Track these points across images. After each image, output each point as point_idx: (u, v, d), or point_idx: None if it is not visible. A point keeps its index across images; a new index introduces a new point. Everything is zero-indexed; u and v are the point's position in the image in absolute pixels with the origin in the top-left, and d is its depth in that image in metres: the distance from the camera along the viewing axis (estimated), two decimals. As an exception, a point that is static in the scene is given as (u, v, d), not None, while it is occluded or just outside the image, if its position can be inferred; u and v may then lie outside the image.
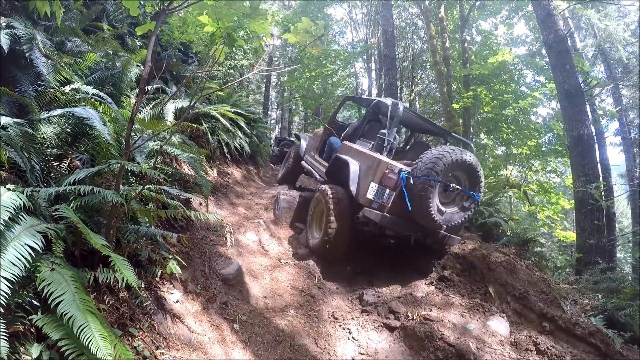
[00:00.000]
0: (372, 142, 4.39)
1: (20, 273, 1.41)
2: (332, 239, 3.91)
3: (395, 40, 12.75)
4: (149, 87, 4.39)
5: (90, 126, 2.37)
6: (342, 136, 5.31)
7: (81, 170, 2.15)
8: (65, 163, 2.45)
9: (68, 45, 3.50)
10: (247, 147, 6.78)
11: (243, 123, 6.40)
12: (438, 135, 6.07)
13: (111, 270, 1.93)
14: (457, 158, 3.58)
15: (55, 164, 2.40)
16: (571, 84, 6.21)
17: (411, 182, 3.58)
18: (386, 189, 3.69)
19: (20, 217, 1.61)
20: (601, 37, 11.13)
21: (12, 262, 1.41)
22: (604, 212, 6.15)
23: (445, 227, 3.72)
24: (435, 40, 10.34)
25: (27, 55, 2.73)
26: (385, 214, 3.67)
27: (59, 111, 2.38)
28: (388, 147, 4.16)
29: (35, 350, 1.49)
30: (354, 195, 3.90)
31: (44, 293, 1.47)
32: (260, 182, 7.48)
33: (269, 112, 21.01)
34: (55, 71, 2.85)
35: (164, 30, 6.35)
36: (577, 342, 3.19)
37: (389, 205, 3.71)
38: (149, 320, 2.26)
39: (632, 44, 11.22)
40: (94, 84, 3.24)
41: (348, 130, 5.37)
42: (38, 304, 1.59)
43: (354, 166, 4.01)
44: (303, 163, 6.03)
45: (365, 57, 17.67)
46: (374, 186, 3.69)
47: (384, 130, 4.22)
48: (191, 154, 3.31)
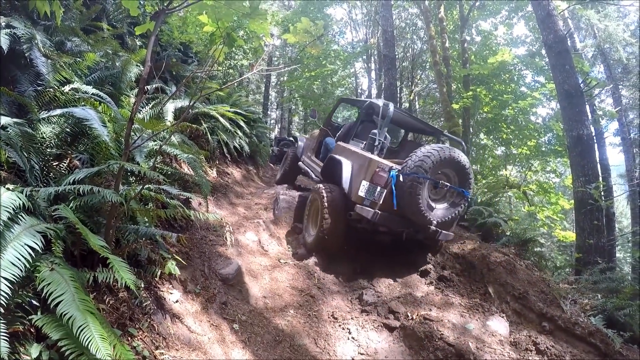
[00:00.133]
0: (365, 142, 4.49)
1: (20, 273, 1.41)
2: (327, 234, 4.02)
3: (395, 41, 12.76)
4: (149, 87, 4.38)
5: (89, 126, 2.37)
6: (337, 137, 5.40)
7: (81, 170, 2.14)
8: (65, 163, 2.45)
9: (68, 44, 3.49)
10: (246, 147, 6.78)
11: (243, 123, 6.41)
12: (430, 135, 6.21)
13: (111, 270, 1.93)
14: (445, 156, 3.66)
15: (54, 163, 2.39)
16: (571, 84, 6.22)
17: (401, 179, 3.67)
18: (377, 186, 3.78)
19: (20, 217, 1.61)
20: (601, 37, 11.15)
21: (11, 262, 1.41)
22: (604, 212, 6.16)
23: (435, 222, 3.79)
24: (435, 41, 10.34)
25: (26, 54, 2.72)
26: (377, 210, 3.76)
27: (58, 111, 2.37)
28: (379, 146, 4.26)
29: (35, 350, 1.49)
30: (347, 193, 4.01)
31: (43, 293, 1.47)
32: (259, 182, 7.49)
33: (269, 112, 21.00)
34: (55, 71, 2.84)
35: (164, 30, 6.35)
36: (577, 341, 3.20)
37: (381, 202, 3.80)
38: (149, 320, 2.26)
39: (632, 44, 11.24)
40: (93, 84, 3.24)
41: (342, 131, 5.48)
42: (38, 304, 1.58)
43: (347, 165, 4.11)
44: (300, 164, 6.12)
45: (365, 57, 17.70)
46: (365, 184, 3.78)
47: (375, 130, 4.34)
48: (191, 154, 3.31)
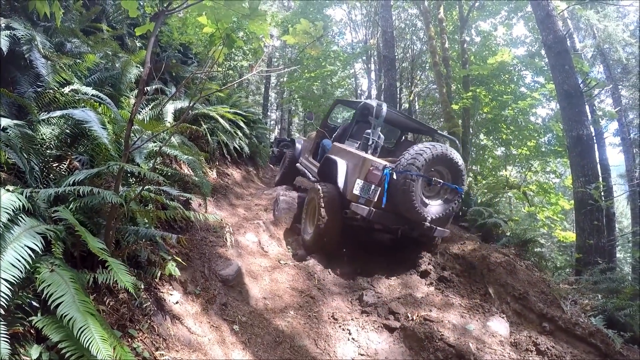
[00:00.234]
0: (359, 142, 4.57)
1: (20, 274, 1.41)
2: (323, 232, 4.08)
3: (394, 41, 12.77)
4: (149, 88, 4.39)
5: (89, 128, 2.37)
6: (333, 137, 5.47)
7: (80, 171, 2.14)
8: (65, 164, 2.45)
9: (67, 46, 3.49)
10: (246, 148, 6.78)
11: (242, 124, 6.41)
12: (425, 134, 6.28)
13: (110, 272, 1.93)
14: (437, 153, 3.72)
15: (54, 165, 2.39)
16: (570, 84, 6.22)
17: (394, 177, 3.71)
18: (371, 184, 3.83)
19: (20, 218, 1.61)
20: (600, 37, 11.16)
21: (11, 264, 1.41)
22: (604, 212, 6.15)
23: (429, 219, 3.83)
24: (435, 41, 10.34)
25: (26, 56, 2.72)
26: (372, 208, 3.81)
27: (58, 112, 2.37)
28: (373, 145, 4.34)
29: (35, 351, 1.49)
30: (343, 191, 4.07)
31: (43, 294, 1.47)
32: (259, 183, 7.49)
33: (269, 113, 21.01)
34: (55, 72, 2.85)
35: (164, 31, 6.36)
36: (577, 342, 3.20)
37: (375, 200, 3.85)
38: (149, 321, 2.25)
39: (631, 44, 11.25)
40: (93, 85, 3.23)
41: (338, 132, 5.56)
42: (38, 305, 1.58)
43: (342, 165, 4.18)
44: (298, 165, 6.20)
45: (364, 58, 17.69)
46: (359, 182, 3.84)
47: (369, 130, 4.41)
48: (190, 155, 3.30)
